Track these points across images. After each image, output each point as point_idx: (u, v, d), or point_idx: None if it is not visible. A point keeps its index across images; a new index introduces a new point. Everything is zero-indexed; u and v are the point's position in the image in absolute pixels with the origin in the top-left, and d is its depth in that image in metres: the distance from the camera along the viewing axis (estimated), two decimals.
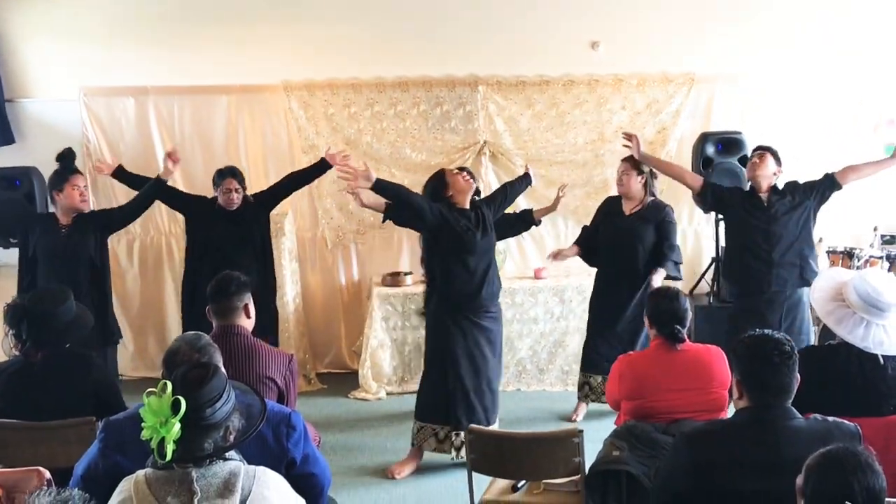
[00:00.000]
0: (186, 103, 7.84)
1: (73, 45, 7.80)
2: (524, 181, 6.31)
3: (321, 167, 6.61)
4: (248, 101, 7.90)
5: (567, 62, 7.94)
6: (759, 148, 6.25)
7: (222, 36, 7.80)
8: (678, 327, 4.24)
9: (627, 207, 6.54)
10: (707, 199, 6.43)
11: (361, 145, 7.90)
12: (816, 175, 6.31)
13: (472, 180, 5.83)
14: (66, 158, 6.34)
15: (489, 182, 7.88)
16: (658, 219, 6.44)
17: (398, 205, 5.71)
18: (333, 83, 7.88)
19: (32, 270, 6.18)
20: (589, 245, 6.72)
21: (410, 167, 7.82)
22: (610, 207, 6.68)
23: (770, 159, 6.11)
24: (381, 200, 5.89)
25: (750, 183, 6.26)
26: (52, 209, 6.45)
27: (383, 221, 6.01)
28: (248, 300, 4.35)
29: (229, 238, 6.49)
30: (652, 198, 6.54)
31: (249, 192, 6.66)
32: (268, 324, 6.33)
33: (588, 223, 6.88)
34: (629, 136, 6.47)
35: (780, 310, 6.07)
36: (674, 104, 7.96)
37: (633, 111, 7.98)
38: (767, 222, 6.09)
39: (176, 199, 6.73)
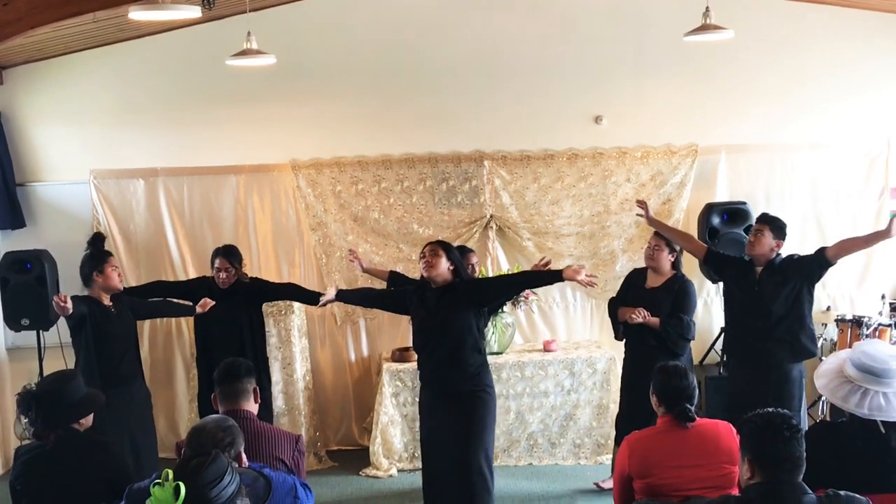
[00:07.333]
0: (196, 184, 7.94)
1: (82, 128, 7.93)
2: (552, 277, 5.79)
3: (315, 300, 6.66)
4: (257, 180, 8.00)
5: (571, 136, 8.01)
6: (759, 220, 6.20)
7: (230, 116, 7.93)
8: (688, 406, 4.20)
9: (652, 281, 6.49)
10: (710, 267, 6.59)
11: (369, 221, 7.98)
12: (822, 242, 6.31)
13: (427, 264, 5.65)
14: (100, 241, 6.49)
15: (496, 256, 7.95)
16: (675, 290, 6.38)
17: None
18: (341, 161, 7.97)
19: (89, 351, 6.11)
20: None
21: (418, 242, 7.82)
22: (633, 280, 6.63)
23: (766, 236, 6.04)
24: (382, 268, 7.07)
25: None
26: (85, 291, 6.29)
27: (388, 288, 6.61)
28: (255, 385, 4.36)
29: (218, 317, 6.63)
30: (675, 271, 6.48)
31: (260, 271, 6.72)
32: (264, 414, 6.31)
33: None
34: (640, 204, 6.69)
35: (769, 385, 5.96)
36: (678, 175, 7.99)
37: (638, 183, 8.01)
38: (756, 298, 6.06)
39: (177, 293, 6.92)
